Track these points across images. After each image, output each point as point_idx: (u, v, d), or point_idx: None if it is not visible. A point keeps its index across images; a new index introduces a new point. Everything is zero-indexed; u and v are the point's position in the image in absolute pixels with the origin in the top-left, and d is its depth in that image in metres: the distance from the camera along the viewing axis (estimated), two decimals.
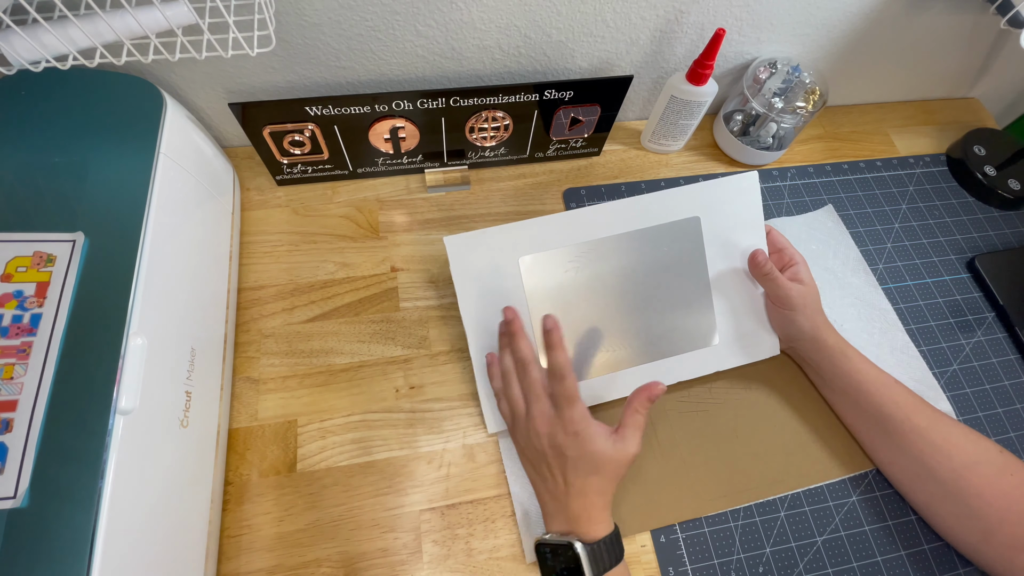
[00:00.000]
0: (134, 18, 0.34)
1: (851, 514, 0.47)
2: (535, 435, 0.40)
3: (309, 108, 0.48)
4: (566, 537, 0.38)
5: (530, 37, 0.53)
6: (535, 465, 0.41)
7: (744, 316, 0.49)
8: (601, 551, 0.37)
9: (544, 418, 0.40)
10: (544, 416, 0.40)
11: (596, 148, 0.62)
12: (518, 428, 0.42)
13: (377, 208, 0.58)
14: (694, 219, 0.47)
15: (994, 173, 0.65)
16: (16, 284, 0.32)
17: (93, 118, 0.40)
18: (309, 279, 0.53)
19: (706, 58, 0.53)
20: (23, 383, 0.30)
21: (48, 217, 0.35)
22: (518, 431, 0.43)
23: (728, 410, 0.50)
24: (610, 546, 0.38)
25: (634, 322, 0.47)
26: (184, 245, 0.42)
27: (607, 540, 0.38)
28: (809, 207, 0.62)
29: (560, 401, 0.39)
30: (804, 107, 0.58)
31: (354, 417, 0.47)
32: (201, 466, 0.40)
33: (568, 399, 0.39)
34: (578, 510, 0.38)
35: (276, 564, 0.42)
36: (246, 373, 0.48)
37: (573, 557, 0.37)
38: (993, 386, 0.54)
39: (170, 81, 0.50)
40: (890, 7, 0.58)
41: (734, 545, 0.45)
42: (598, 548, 0.37)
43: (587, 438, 0.39)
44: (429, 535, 0.44)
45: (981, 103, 0.75)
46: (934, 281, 0.59)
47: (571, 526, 0.38)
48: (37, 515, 0.28)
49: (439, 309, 0.53)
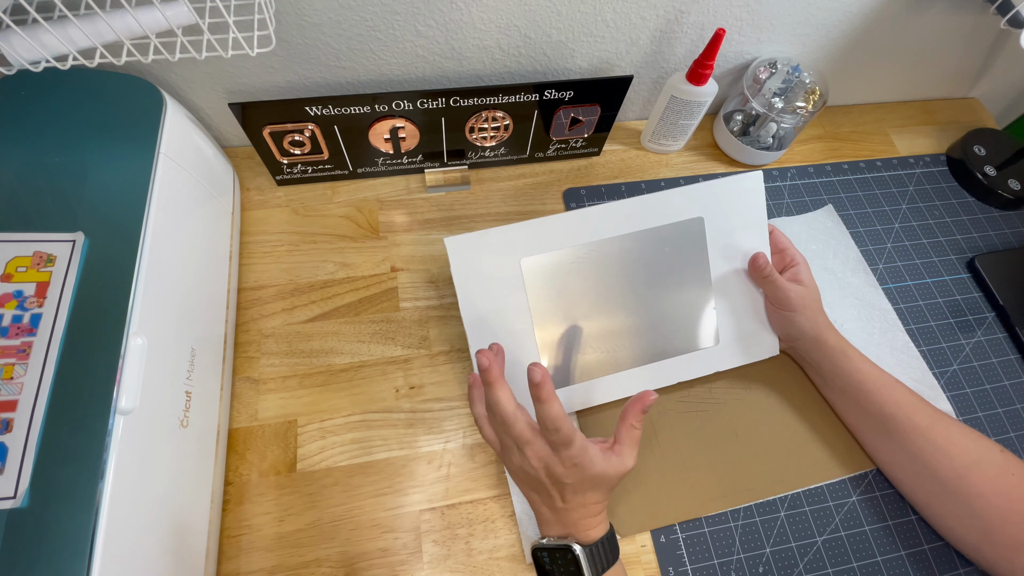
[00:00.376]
0: (134, 18, 0.34)
1: (851, 514, 0.47)
2: (529, 467, 0.38)
3: (309, 108, 0.48)
4: (564, 540, 0.38)
5: (530, 37, 0.53)
6: (530, 487, 0.40)
7: (745, 316, 0.49)
8: (599, 552, 0.37)
9: (538, 457, 0.37)
10: (538, 455, 0.37)
11: (596, 148, 0.62)
12: (509, 457, 0.40)
13: (377, 208, 0.58)
14: (698, 219, 0.47)
15: (994, 173, 0.65)
16: (16, 284, 0.32)
17: (93, 118, 0.40)
18: (309, 279, 0.53)
19: (706, 58, 0.53)
20: (23, 383, 0.30)
21: (48, 217, 0.35)
22: (510, 460, 0.40)
23: (728, 410, 0.50)
24: (607, 546, 0.38)
25: (635, 322, 0.47)
26: (184, 245, 0.42)
27: (604, 540, 0.38)
28: (809, 207, 0.62)
29: (557, 447, 0.37)
30: (804, 107, 0.58)
31: (354, 417, 0.47)
32: (201, 466, 0.40)
33: (565, 443, 0.36)
34: (576, 519, 0.38)
35: (276, 564, 0.42)
36: (246, 373, 0.48)
37: (572, 560, 0.37)
38: (993, 386, 0.54)
39: (170, 81, 0.50)
40: (890, 7, 0.58)
41: (734, 545, 0.45)
42: (596, 549, 0.37)
43: (586, 466, 0.37)
44: (429, 535, 0.44)
45: (981, 103, 0.75)
46: (934, 281, 0.59)
47: (568, 531, 0.38)
48: (37, 515, 0.28)
49: (439, 309, 0.53)
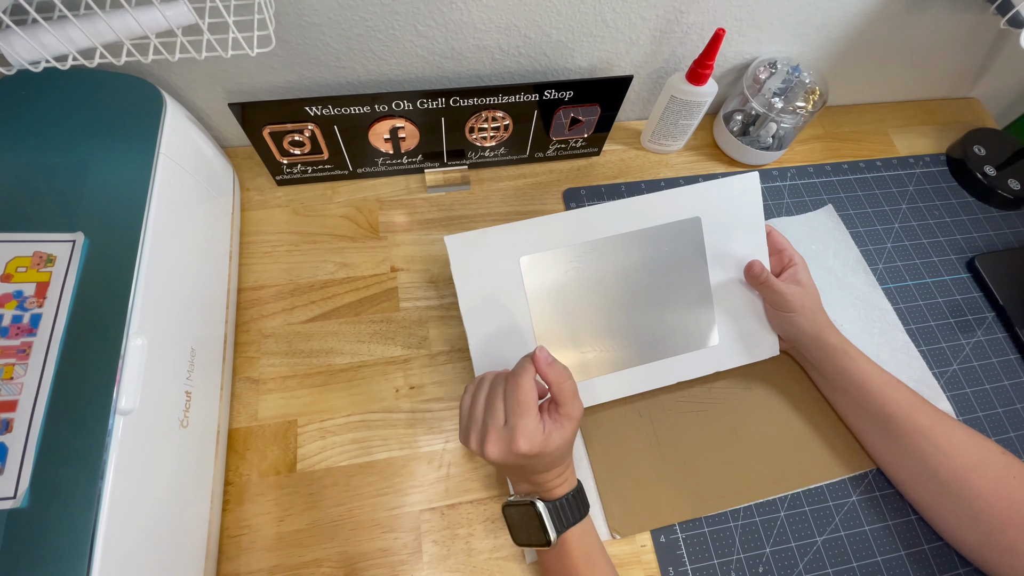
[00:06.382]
0: (134, 18, 0.34)
1: (851, 514, 0.47)
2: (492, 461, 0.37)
3: (309, 108, 0.48)
4: (528, 497, 0.39)
5: (530, 37, 0.53)
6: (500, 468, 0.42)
7: (744, 316, 0.49)
8: (564, 508, 0.38)
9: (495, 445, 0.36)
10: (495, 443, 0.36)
11: (596, 148, 0.62)
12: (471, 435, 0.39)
13: (377, 208, 0.58)
14: (695, 219, 0.47)
15: (994, 173, 0.65)
16: (16, 284, 0.32)
17: (93, 118, 0.40)
18: (309, 279, 0.53)
19: (706, 58, 0.53)
20: (23, 383, 0.30)
21: (48, 217, 0.35)
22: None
23: (728, 410, 0.50)
24: (573, 502, 0.39)
25: (634, 322, 0.47)
26: (184, 245, 0.42)
27: (569, 496, 0.39)
28: (809, 207, 0.62)
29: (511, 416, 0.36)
30: (804, 107, 0.58)
31: (354, 417, 0.47)
32: (201, 466, 0.40)
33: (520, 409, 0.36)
34: (542, 480, 0.39)
35: (276, 564, 0.42)
36: (246, 373, 0.48)
37: (536, 515, 0.38)
38: (993, 386, 0.54)
39: (170, 81, 0.50)
40: (890, 7, 0.58)
41: (734, 545, 0.45)
42: (561, 505, 0.38)
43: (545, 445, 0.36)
44: (429, 535, 0.44)
45: (981, 103, 0.75)
46: (934, 281, 0.59)
47: (535, 488, 0.39)
48: (37, 515, 0.28)
49: (439, 309, 0.53)
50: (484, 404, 0.38)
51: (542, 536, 0.38)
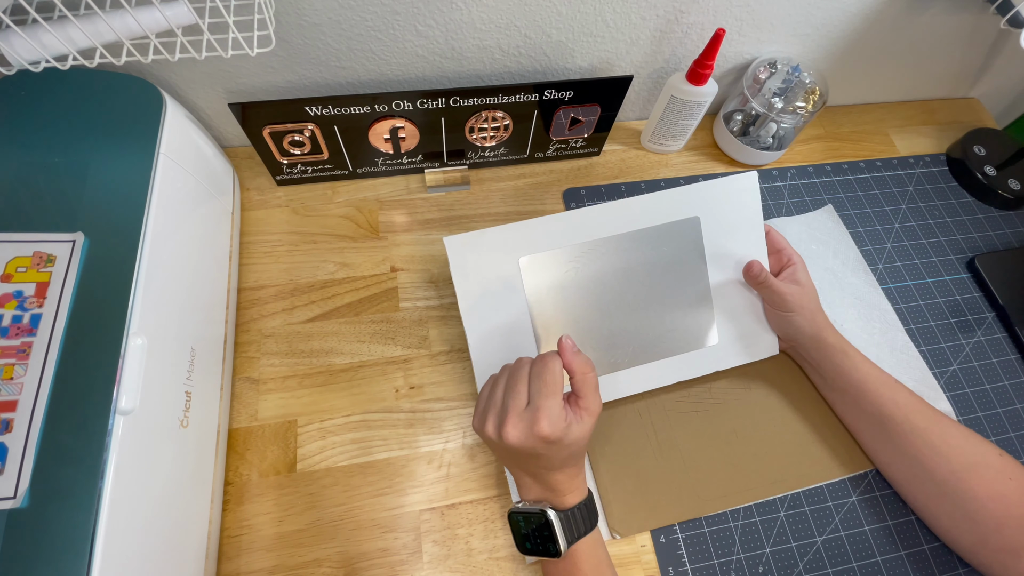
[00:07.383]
0: (134, 18, 0.34)
1: (851, 514, 0.47)
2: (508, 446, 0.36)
3: (309, 108, 0.48)
4: (538, 505, 0.38)
5: (530, 37, 0.53)
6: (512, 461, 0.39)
7: (744, 316, 0.49)
8: (575, 518, 0.37)
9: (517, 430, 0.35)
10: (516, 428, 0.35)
11: (596, 148, 0.62)
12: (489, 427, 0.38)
13: (377, 208, 0.58)
14: (694, 219, 0.47)
15: (994, 173, 0.65)
16: (16, 284, 0.32)
17: (93, 118, 0.40)
18: (309, 279, 0.53)
19: (706, 58, 0.53)
20: (23, 383, 0.30)
21: (48, 217, 0.35)
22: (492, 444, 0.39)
23: (728, 410, 0.50)
24: (585, 512, 0.38)
25: (634, 322, 0.47)
26: (184, 245, 0.42)
27: (581, 506, 0.37)
28: (809, 207, 0.62)
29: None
30: (804, 107, 0.58)
31: (354, 417, 0.47)
32: (201, 466, 0.40)
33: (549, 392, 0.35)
34: (554, 484, 0.38)
35: (276, 564, 0.42)
36: (246, 373, 0.48)
37: (546, 525, 0.36)
38: (993, 386, 0.54)
39: (170, 81, 0.50)
40: (890, 7, 0.58)
41: (734, 545, 0.45)
42: (572, 515, 0.37)
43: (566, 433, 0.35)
44: (429, 535, 0.44)
45: (981, 103, 0.75)
46: (934, 281, 0.59)
47: (545, 495, 0.38)
48: (37, 515, 0.28)
49: (439, 309, 0.53)
50: (505, 387, 0.37)
51: (550, 547, 0.36)
